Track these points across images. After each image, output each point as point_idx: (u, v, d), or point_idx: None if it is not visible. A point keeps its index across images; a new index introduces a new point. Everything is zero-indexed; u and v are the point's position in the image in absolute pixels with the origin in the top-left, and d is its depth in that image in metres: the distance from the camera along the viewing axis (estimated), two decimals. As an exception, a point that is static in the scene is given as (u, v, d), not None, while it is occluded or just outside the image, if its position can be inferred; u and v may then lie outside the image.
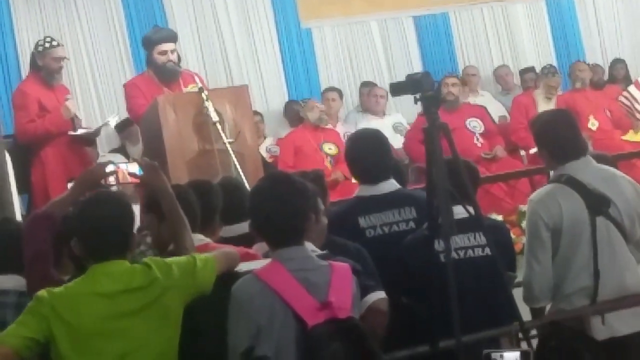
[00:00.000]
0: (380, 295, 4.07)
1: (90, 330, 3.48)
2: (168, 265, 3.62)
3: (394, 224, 4.61)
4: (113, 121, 7.95)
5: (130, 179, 4.04)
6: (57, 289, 3.53)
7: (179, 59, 7.56)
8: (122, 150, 8.90)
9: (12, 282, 4.07)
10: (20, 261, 3.96)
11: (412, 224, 4.59)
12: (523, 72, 11.04)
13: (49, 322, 3.46)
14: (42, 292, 3.52)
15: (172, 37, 7.62)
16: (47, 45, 7.66)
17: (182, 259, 3.70)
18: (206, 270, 3.67)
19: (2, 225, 4.41)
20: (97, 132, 7.92)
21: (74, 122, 7.79)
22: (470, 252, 4.41)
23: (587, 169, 4.50)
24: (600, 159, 4.76)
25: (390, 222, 4.61)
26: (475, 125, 9.33)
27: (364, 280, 3.91)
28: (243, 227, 4.24)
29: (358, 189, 4.78)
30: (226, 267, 3.76)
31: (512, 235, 5.21)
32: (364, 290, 3.90)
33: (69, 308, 3.48)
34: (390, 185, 4.68)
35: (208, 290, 3.68)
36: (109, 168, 4.03)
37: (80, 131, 7.76)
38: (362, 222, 4.60)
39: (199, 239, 4.12)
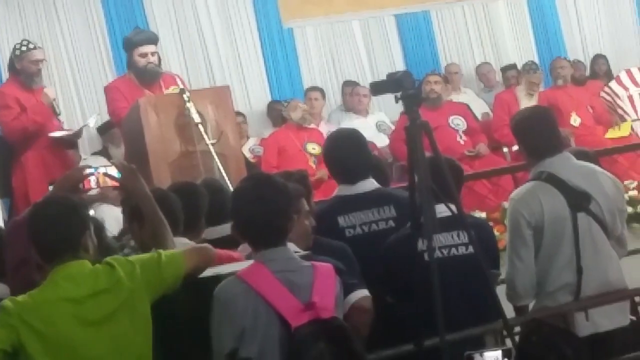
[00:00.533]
0: (363, 293, 4.07)
1: (62, 337, 3.46)
2: (131, 264, 3.61)
3: (373, 223, 4.61)
4: (93, 122, 7.89)
5: (109, 182, 4.02)
6: (21, 298, 3.50)
7: (160, 61, 7.53)
8: (104, 152, 8.85)
9: None
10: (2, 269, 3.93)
11: (391, 223, 4.59)
12: (505, 69, 11.05)
13: (18, 332, 3.43)
14: (7, 302, 3.49)
15: (153, 39, 7.59)
16: (24, 48, 7.63)
17: (145, 255, 3.70)
18: (172, 265, 3.64)
19: None
20: (78, 133, 7.86)
21: (54, 108, 7.72)
22: (453, 250, 4.41)
23: (566, 166, 4.51)
24: (581, 155, 4.78)
25: (369, 221, 4.61)
26: (458, 123, 9.32)
27: (346, 279, 3.91)
28: (226, 228, 4.22)
29: (337, 189, 4.78)
30: (197, 262, 3.72)
31: (496, 233, 5.22)
32: (347, 289, 3.90)
33: (37, 317, 3.45)
34: (369, 184, 4.68)
35: (176, 286, 3.65)
36: (87, 172, 4.02)
37: (60, 133, 7.72)
38: (342, 221, 4.60)
39: (183, 242, 4.09)
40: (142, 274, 3.59)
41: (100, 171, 4.00)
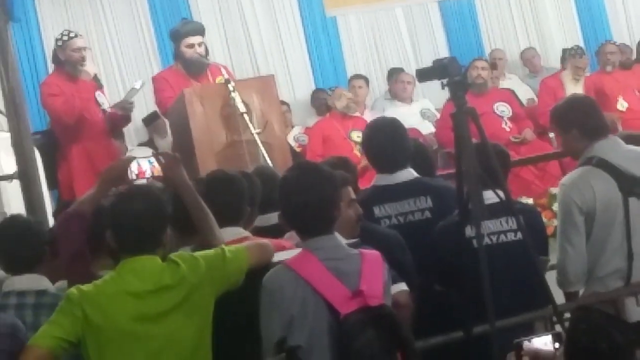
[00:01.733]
0: (399, 287, 4.02)
1: (119, 332, 3.47)
2: (196, 260, 3.61)
3: (409, 214, 4.58)
4: (139, 83, 7.81)
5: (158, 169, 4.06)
6: (86, 287, 3.51)
7: (207, 51, 7.56)
8: (150, 143, 8.93)
9: (29, 282, 4.03)
10: (35, 260, 3.94)
11: (427, 214, 4.57)
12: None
13: (81, 323, 3.46)
14: (73, 291, 3.51)
15: (200, 30, 7.61)
16: (65, 38, 7.65)
17: (210, 252, 3.69)
18: (236, 261, 3.65)
19: (11, 224, 4.26)
20: (129, 102, 7.73)
21: (98, 82, 7.75)
22: (502, 237, 4.39)
23: (616, 150, 4.46)
24: (630, 139, 4.72)
25: (405, 212, 4.58)
26: (503, 109, 9.27)
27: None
28: (274, 217, 4.23)
29: (375, 178, 4.76)
30: (259, 259, 3.74)
31: (544, 219, 5.17)
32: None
33: (97, 309, 3.47)
34: (408, 174, 4.65)
35: (240, 281, 3.66)
36: (135, 164, 4.04)
37: (110, 106, 7.72)
38: (377, 211, 4.58)
39: (238, 232, 4.07)
40: (207, 269, 3.60)
41: (155, 163, 4.03)
